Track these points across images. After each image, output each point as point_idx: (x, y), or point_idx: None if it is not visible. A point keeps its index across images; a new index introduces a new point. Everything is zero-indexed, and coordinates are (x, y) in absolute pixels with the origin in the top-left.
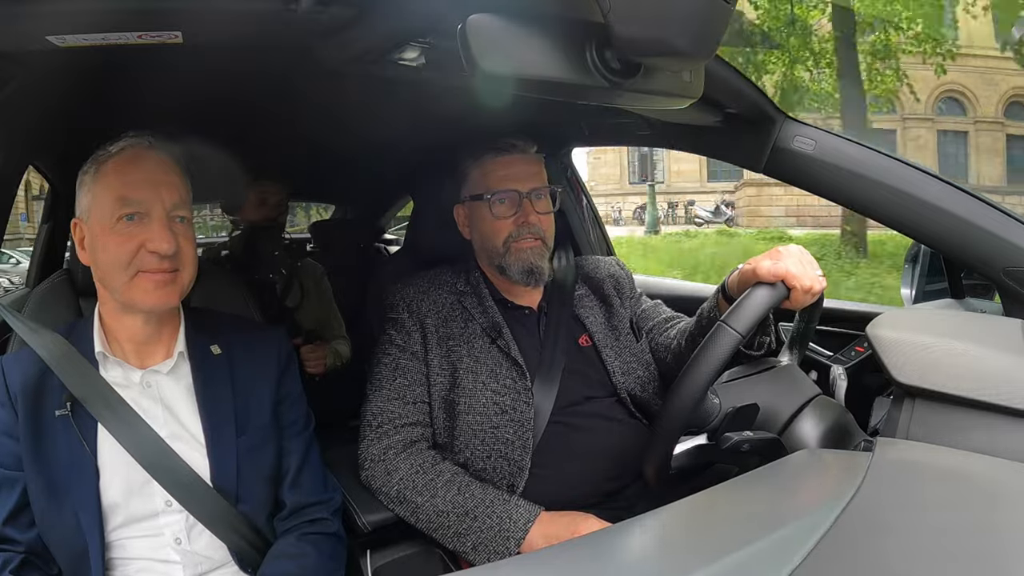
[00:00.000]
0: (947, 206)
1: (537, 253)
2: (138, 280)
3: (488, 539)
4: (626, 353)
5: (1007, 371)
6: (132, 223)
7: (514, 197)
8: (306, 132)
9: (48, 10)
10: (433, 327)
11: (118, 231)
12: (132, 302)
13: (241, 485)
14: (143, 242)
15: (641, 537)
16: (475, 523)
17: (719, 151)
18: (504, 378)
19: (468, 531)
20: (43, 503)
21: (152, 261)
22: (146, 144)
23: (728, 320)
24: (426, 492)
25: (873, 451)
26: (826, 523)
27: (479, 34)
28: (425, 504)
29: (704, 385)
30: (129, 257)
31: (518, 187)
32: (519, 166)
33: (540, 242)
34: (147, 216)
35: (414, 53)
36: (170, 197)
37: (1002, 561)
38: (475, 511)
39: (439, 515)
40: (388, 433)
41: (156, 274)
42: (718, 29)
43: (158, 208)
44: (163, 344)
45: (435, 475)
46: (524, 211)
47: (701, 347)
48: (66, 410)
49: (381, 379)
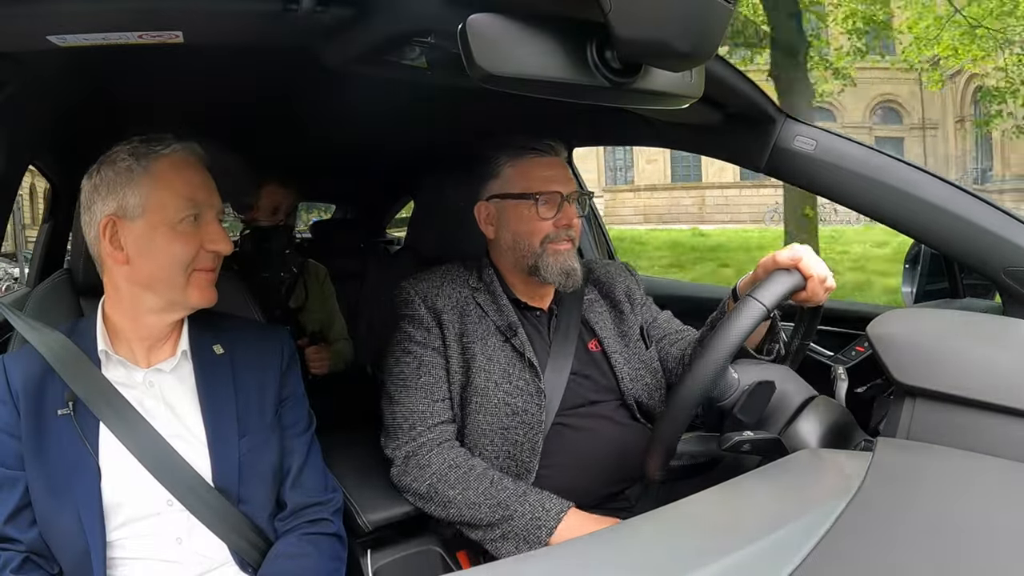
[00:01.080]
0: (947, 206)
1: (573, 256)
2: (195, 279)
3: (520, 527)
4: (635, 360)
5: (1007, 371)
6: (194, 224)
7: (556, 199)
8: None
9: (49, 10)
10: (449, 322)
11: (180, 231)
12: (188, 300)
13: (242, 485)
14: (203, 242)
15: (641, 537)
16: (507, 512)
17: (719, 151)
18: (517, 379)
19: (501, 521)
20: (44, 502)
21: (208, 260)
22: (199, 152)
23: (754, 293)
24: (459, 485)
25: (873, 451)
26: (826, 523)
27: (479, 34)
28: (458, 497)
29: (727, 353)
30: (191, 256)
31: (561, 189)
32: (559, 168)
33: (573, 244)
34: (202, 217)
35: (415, 53)
36: (218, 200)
37: (1002, 561)
38: (507, 502)
39: (471, 507)
40: (422, 433)
41: (209, 272)
42: (718, 29)
43: (211, 210)
44: (169, 343)
45: (468, 469)
46: (565, 214)
47: (727, 317)
48: (68, 409)
49: (406, 377)
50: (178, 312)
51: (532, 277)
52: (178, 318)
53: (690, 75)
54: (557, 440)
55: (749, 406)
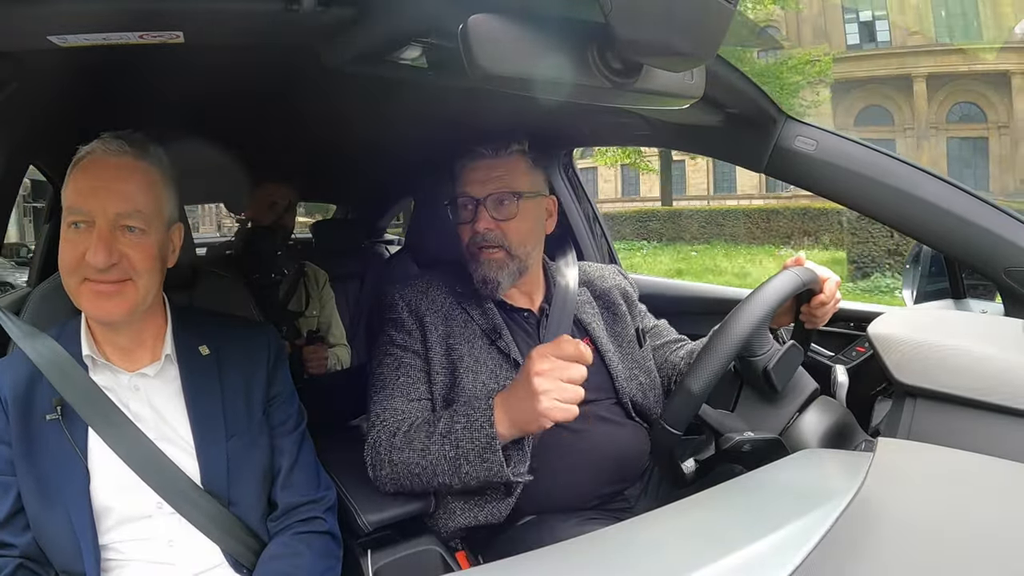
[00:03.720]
0: (948, 206)
1: (495, 264)
2: (83, 288)
3: (468, 447)
4: (629, 359)
5: (1008, 371)
6: (80, 231)
7: (468, 203)
8: (308, 132)
9: (49, 10)
10: (433, 326)
11: (67, 238)
12: (82, 309)
13: (232, 487)
14: (83, 251)
15: (641, 537)
16: (451, 438)
17: (720, 151)
18: (504, 379)
19: (452, 441)
20: (36, 506)
21: (92, 271)
22: (113, 148)
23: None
24: (406, 446)
25: (874, 451)
26: (826, 523)
27: (480, 34)
28: (412, 457)
29: (764, 309)
30: (75, 265)
31: (473, 192)
32: (481, 171)
33: (502, 251)
34: (92, 225)
35: (415, 53)
36: (115, 207)
37: (1002, 561)
38: (445, 430)
39: (427, 453)
40: (394, 432)
41: (98, 284)
42: (719, 30)
43: (101, 218)
44: (148, 347)
45: (408, 428)
46: (477, 217)
47: (765, 282)
48: (56, 414)
49: (384, 379)
50: (103, 322)
51: None
52: (117, 329)
53: (691, 75)
54: (551, 441)
55: (782, 366)
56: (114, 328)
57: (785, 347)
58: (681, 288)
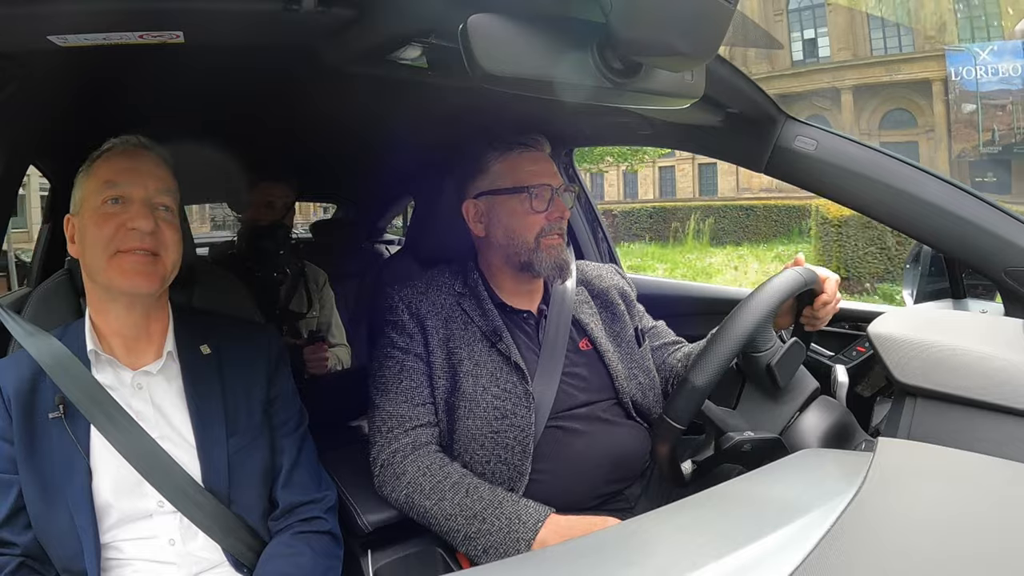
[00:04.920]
0: (948, 206)
1: (564, 249)
2: (116, 260)
3: (498, 542)
4: (628, 359)
5: (1008, 371)
6: (116, 206)
7: (547, 192)
8: (308, 132)
9: (49, 10)
10: (433, 329)
11: (101, 212)
12: (111, 283)
13: (233, 486)
14: (124, 222)
15: (641, 537)
16: (484, 525)
17: (720, 151)
18: (505, 382)
19: (478, 534)
20: (38, 505)
21: (131, 239)
22: (134, 143)
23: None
24: (433, 496)
25: (874, 451)
26: (826, 523)
27: (480, 34)
28: (433, 508)
29: (768, 305)
30: (110, 236)
31: (551, 182)
32: (546, 163)
33: (563, 238)
34: (130, 201)
35: (416, 53)
36: (153, 184)
37: (1002, 561)
38: (483, 513)
39: (448, 519)
40: (398, 437)
41: (131, 255)
42: (719, 30)
43: (140, 192)
44: (152, 343)
45: (442, 477)
46: (557, 206)
47: (768, 279)
48: (58, 412)
49: (387, 382)
50: (118, 301)
51: (523, 273)
52: (132, 308)
53: (691, 75)
54: (551, 443)
55: (785, 362)
56: (130, 306)
57: (788, 343)
58: (680, 288)
